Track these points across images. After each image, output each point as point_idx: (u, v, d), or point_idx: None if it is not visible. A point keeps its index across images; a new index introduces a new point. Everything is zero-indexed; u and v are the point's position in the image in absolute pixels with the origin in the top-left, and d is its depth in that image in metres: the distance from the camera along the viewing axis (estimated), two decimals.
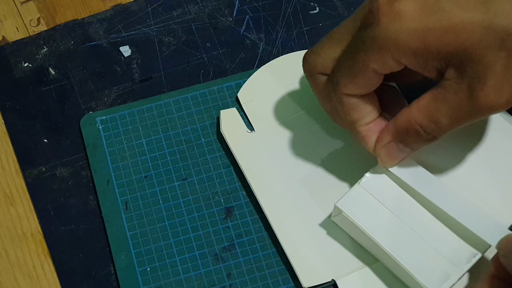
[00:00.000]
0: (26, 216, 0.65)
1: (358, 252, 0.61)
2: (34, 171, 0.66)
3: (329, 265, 0.60)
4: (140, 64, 0.71)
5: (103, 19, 0.73)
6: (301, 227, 0.62)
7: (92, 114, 0.68)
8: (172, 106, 0.68)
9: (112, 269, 0.62)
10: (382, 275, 0.60)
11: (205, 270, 0.61)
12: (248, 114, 0.67)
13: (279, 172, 0.64)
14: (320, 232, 0.62)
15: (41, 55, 0.71)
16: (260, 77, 0.69)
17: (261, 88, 0.68)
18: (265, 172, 0.64)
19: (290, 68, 0.68)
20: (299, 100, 0.67)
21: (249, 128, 0.66)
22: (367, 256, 0.61)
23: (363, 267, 0.60)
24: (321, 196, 0.63)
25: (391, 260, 0.58)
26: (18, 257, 0.63)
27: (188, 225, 0.63)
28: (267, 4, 0.74)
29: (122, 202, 0.64)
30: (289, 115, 0.67)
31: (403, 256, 0.57)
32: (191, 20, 0.73)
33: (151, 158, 0.66)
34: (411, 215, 0.59)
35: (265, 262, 0.62)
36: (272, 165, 0.64)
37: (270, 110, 0.67)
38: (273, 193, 0.63)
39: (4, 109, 0.69)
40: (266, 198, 0.63)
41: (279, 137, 0.66)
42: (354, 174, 0.62)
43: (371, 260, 0.61)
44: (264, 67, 0.69)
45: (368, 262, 0.61)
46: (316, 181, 0.64)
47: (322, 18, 0.73)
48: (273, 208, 0.63)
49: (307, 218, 0.62)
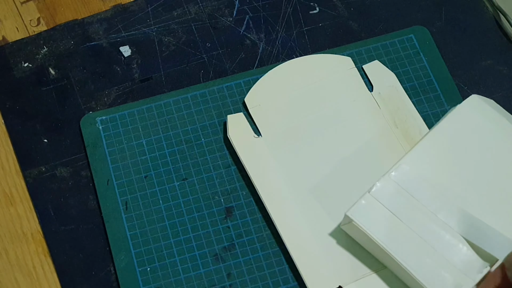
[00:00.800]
0: (26, 216, 0.65)
1: (365, 259, 0.61)
2: (34, 171, 0.66)
3: (336, 271, 0.60)
4: (140, 64, 0.71)
5: (103, 19, 0.73)
6: (309, 234, 0.62)
7: (92, 114, 0.68)
8: (172, 106, 0.68)
9: (112, 269, 0.62)
10: (389, 282, 0.60)
11: (205, 270, 0.61)
12: (255, 119, 0.67)
13: (286, 178, 0.64)
14: (327, 239, 0.62)
15: (41, 55, 0.71)
16: (267, 81, 0.68)
17: (269, 92, 0.68)
18: (272, 178, 0.64)
19: (297, 73, 0.68)
20: (307, 106, 0.67)
21: (256, 133, 0.66)
22: (374, 262, 0.61)
23: (370, 274, 0.60)
24: (329, 203, 0.63)
25: (401, 269, 0.57)
26: (18, 257, 0.63)
27: (188, 225, 0.63)
28: (267, 4, 0.74)
29: (122, 202, 0.64)
30: (297, 120, 0.66)
31: (413, 265, 0.57)
32: (191, 20, 0.73)
33: (151, 158, 0.66)
34: (421, 224, 0.58)
35: (265, 262, 0.62)
36: (280, 171, 0.64)
37: (278, 115, 0.67)
38: (281, 199, 0.63)
39: (4, 109, 0.69)
40: (274, 204, 0.63)
41: (287, 143, 0.65)
42: (363, 182, 0.62)
43: (378, 266, 0.60)
44: (271, 72, 0.69)
45: (375, 268, 0.60)
46: (324, 188, 0.63)
47: (322, 18, 0.73)
48: (281, 214, 0.62)
49: (314, 224, 0.62)
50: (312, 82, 0.68)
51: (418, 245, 0.58)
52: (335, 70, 0.69)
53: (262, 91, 0.68)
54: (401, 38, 0.71)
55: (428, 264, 0.57)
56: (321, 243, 0.61)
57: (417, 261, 0.57)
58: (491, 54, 0.71)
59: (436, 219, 0.58)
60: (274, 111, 0.67)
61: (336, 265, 0.60)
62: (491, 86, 0.69)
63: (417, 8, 0.73)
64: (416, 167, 0.60)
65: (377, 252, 0.60)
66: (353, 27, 0.72)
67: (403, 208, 0.59)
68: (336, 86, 0.68)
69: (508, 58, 0.71)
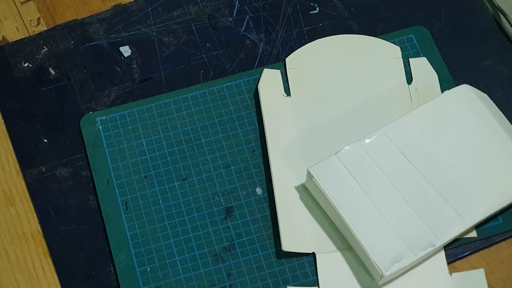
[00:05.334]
0: (26, 216, 0.65)
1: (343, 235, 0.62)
2: (34, 171, 0.66)
3: (315, 238, 0.61)
4: (140, 64, 0.71)
5: (103, 19, 0.73)
6: (300, 196, 0.63)
7: (92, 114, 0.68)
8: (172, 106, 0.68)
9: (112, 269, 0.62)
10: (361, 263, 0.61)
11: (205, 270, 0.61)
12: (290, 79, 0.68)
13: (301, 141, 0.65)
14: (315, 205, 0.63)
15: (41, 55, 0.71)
16: (312, 48, 0.70)
17: (311, 59, 0.70)
18: (285, 136, 0.65)
19: (344, 48, 0.70)
20: (342, 80, 0.68)
21: (286, 92, 0.68)
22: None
23: (345, 251, 0.61)
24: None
25: (350, 233, 0.59)
26: (18, 257, 0.63)
27: (188, 225, 0.63)
28: (267, 4, 0.74)
29: (122, 202, 0.64)
30: (328, 91, 0.68)
31: (361, 230, 0.59)
32: (191, 20, 0.73)
33: (151, 158, 0.66)
34: (380, 195, 0.60)
35: (265, 262, 0.62)
36: (295, 131, 0.66)
37: (312, 81, 0.68)
38: (288, 158, 0.64)
39: (4, 109, 0.69)
40: (277, 159, 0.64)
41: (312, 109, 0.67)
42: None
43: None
44: (319, 40, 0.71)
45: (350, 247, 0.62)
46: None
47: (322, 18, 0.73)
48: (281, 170, 0.64)
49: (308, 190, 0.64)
50: (354, 60, 0.69)
51: (371, 213, 0.59)
52: (380, 55, 0.70)
53: (305, 56, 0.70)
54: (401, 38, 0.71)
55: (376, 232, 0.59)
56: (309, 209, 0.63)
57: (365, 227, 0.59)
58: (491, 54, 0.71)
59: (396, 194, 0.60)
60: (309, 77, 0.69)
61: (317, 233, 0.62)
62: (491, 86, 0.69)
63: (417, 8, 0.73)
64: (391, 137, 0.62)
65: (332, 214, 0.61)
66: (353, 27, 0.72)
67: (366, 177, 0.61)
68: (376, 70, 0.69)
69: (508, 58, 0.71)
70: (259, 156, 0.66)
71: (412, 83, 0.68)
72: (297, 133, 0.66)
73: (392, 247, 0.58)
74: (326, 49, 0.70)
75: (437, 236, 0.59)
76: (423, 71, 0.69)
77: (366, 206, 0.60)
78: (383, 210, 0.59)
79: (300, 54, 0.70)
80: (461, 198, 0.60)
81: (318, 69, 0.69)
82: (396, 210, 0.60)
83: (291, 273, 0.61)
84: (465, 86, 0.65)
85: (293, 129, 0.66)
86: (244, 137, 0.67)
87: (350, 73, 0.69)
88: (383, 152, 0.62)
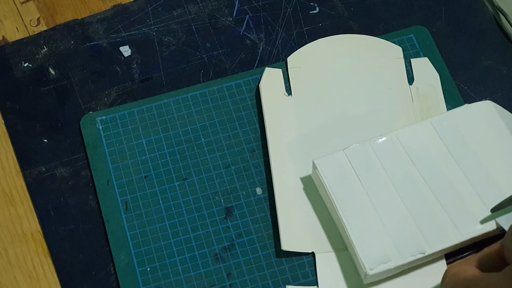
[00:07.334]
0: (26, 216, 0.65)
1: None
2: (34, 171, 0.66)
3: (314, 238, 0.61)
4: (140, 64, 0.71)
5: (103, 19, 0.73)
6: (301, 195, 0.63)
7: (92, 114, 0.68)
8: (172, 106, 0.68)
9: (112, 269, 0.62)
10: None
11: (205, 270, 0.61)
12: (291, 79, 0.68)
13: (301, 140, 0.65)
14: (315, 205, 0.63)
15: (41, 55, 0.71)
16: (314, 48, 0.70)
17: (312, 58, 0.70)
18: (286, 135, 0.65)
19: (345, 48, 0.70)
20: (343, 80, 0.68)
21: (287, 91, 0.68)
22: None
23: (345, 251, 0.61)
24: None
25: (343, 229, 0.59)
26: (18, 257, 0.63)
27: (188, 225, 0.63)
28: (267, 4, 0.74)
29: (122, 202, 0.64)
30: (330, 91, 0.68)
31: (354, 227, 0.59)
32: (191, 20, 0.73)
33: (151, 158, 0.66)
34: (381, 195, 0.60)
35: (265, 262, 0.62)
36: (296, 130, 0.66)
37: (313, 81, 0.68)
38: (287, 158, 0.64)
39: (4, 109, 0.69)
40: (278, 159, 0.64)
41: (313, 109, 0.67)
42: None
43: None
44: (321, 40, 0.71)
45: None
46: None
47: (322, 18, 0.73)
48: (281, 169, 0.64)
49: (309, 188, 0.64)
50: (356, 60, 0.69)
51: (367, 212, 0.60)
52: (382, 55, 0.70)
53: (306, 55, 0.70)
54: (401, 38, 0.71)
55: (368, 231, 0.59)
56: (309, 207, 0.63)
57: (359, 224, 0.59)
58: (491, 54, 0.71)
59: (396, 197, 0.60)
60: (311, 77, 0.69)
61: (317, 233, 0.62)
62: (491, 86, 0.69)
63: (417, 8, 0.73)
64: (402, 142, 0.62)
65: (330, 208, 0.61)
66: (353, 27, 0.72)
67: (369, 176, 0.61)
68: (377, 70, 0.69)
69: (508, 58, 0.71)
70: (259, 156, 0.66)
71: (414, 83, 0.68)
72: (298, 133, 0.66)
73: (382, 248, 0.58)
74: (328, 48, 0.70)
75: (429, 244, 0.58)
76: (425, 70, 0.69)
77: (364, 205, 0.60)
78: (380, 211, 0.60)
79: (301, 53, 0.70)
80: (462, 211, 0.60)
81: (320, 68, 0.69)
82: (393, 213, 0.60)
83: (291, 273, 0.61)
84: (489, 102, 0.65)
85: (294, 128, 0.66)
86: (244, 137, 0.67)
87: (352, 73, 0.69)
88: (391, 155, 0.62)
